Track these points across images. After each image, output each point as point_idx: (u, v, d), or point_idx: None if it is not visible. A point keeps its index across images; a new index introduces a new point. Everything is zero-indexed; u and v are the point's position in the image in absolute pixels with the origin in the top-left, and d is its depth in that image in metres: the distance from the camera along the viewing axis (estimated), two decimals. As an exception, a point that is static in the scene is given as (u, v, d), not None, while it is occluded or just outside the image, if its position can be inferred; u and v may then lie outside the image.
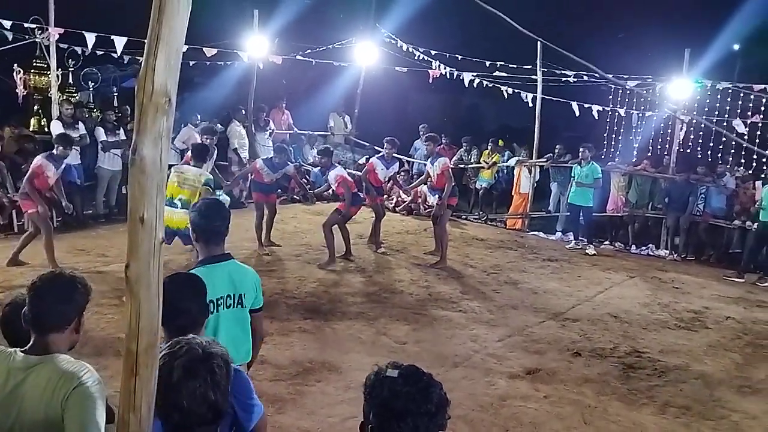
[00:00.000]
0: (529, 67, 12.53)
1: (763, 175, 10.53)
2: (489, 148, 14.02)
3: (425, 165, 10.59)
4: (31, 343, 2.29)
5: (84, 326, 2.43)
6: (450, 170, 9.51)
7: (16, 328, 2.50)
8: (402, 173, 12.96)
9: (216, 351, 2.04)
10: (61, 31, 10.34)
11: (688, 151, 12.28)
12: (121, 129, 10.96)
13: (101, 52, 11.00)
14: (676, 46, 12.26)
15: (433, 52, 13.44)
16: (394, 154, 10.27)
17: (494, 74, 13.02)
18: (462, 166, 14.30)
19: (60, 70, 10.84)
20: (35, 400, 2.15)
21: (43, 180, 7.81)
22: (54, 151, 7.90)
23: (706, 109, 11.68)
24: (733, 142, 10.82)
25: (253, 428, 2.56)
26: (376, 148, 13.61)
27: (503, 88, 12.88)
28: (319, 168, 9.51)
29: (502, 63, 12.89)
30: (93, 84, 12.25)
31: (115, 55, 11.03)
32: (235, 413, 2.40)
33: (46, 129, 10.73)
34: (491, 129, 18.29)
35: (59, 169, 8.02)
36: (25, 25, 10.22)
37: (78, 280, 2.39)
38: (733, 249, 11.40)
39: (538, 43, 10.81)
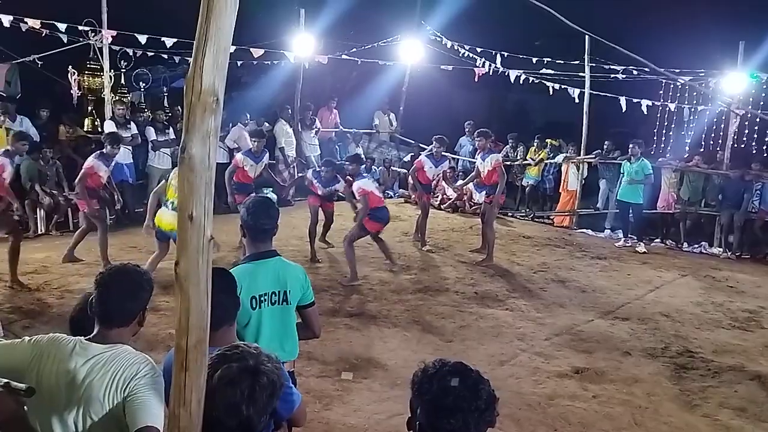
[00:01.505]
0: (577, 62, 12.34)
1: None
2: (535, 144, 13.85)
3: (473, 162, 10.49)
4: (95, 332, 2.35)
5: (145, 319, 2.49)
6: (502, 166, 9.29)
7: (85, 329, 2.56)
8: (449, 170, 12.94)
9: (267, 369, 1.99)
10: (114, 33, 10.61)
11: (743, 146, 11.91)
12: (171, 128, 11.21)
13: (152, 53, 11.24)
14: (730, 39, 11.90)
15: (478, 49, 13.33)
16: (443, 153, 10.27)
17: (540, 71, 12.86)
18: (508, 163, 14.15)
19: (112, 71, 11.12)
20: (98, 389, 2.20)
21: (96, 179, 8.07)
22: (104, 150, 8.13)
23: (762, 104, 11.32)
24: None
25: (291, 417, 2.57)
26: (421, 145, 13.61)
27: (549, 84, 12.71)
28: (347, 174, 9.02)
29: (549, 59, 12.72)
30: (144, 84, 12.52)
31: (165, 56, 11.27)
32: None
33: (99, 129, 11.01)
34: (538, 125, 18.04)
35: (110, 167, 8.25)
36: (79, 27, 10.51)
37: (143, 274, 2.45)
38: (791, 247, 11.04)
39: (586, 37, 10.65)
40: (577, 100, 12.42)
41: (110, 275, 2.41)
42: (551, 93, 12.86)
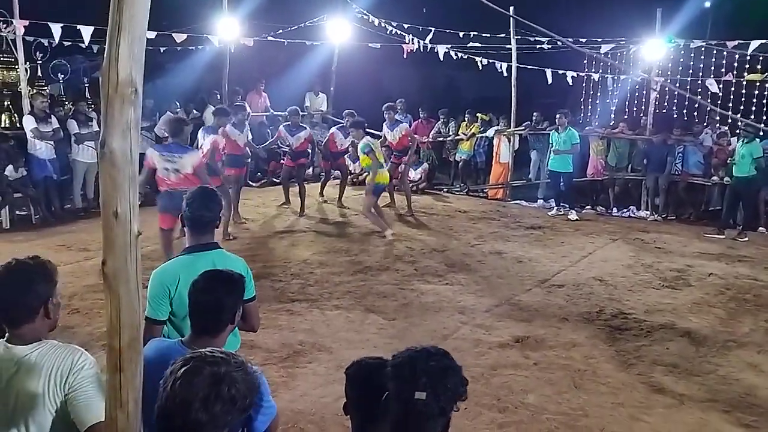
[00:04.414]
0: (503, 35, 12.46)
1: (738, 131, 10.60)
2: (466, 119, 13.99)
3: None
4: (7, 336, 2.26)
5: (58, 309, 2.34)
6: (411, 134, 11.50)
7: None
8: (383, 149, 13.03)
9: (235, 381, 1.81)
10: (26, 23, 10.11)
11: (664, 111, 12.32)
12: (94, 120, 10.80)
13: (69, 43, 10.82)
14: (647, 6, 12.25)
15: (406, 26, 13.33)
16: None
17: (468, 45, 12.96)
18: (441, 138, 14.28)
19: (28, 63, 10.62)
20: (32, 390, 2.13)
21: None
22: None
23: (680, 69, 11.71)
24: (709, 100, 10.87)
25: (266, 429, 2.49)
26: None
27: (478, 59, 12.82)
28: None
29: (476, 33, 12.82)
30: (63, 76, 12.02)
31: (83, 45, 10.85)
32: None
33: (18, 125, 10.53)
34: (468, 100, 18.23)
35: None
36: (-11, 19, 10.00)
37: (36, 266, 2.30)
38: (713, 206, 11.51)
39: (511, 12, 10.79)
40: (505, 74, 12.58)
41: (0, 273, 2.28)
42: (480, 68, 12.99)
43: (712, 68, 11.61)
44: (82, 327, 5.92)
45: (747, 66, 11.28)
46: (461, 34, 12.91)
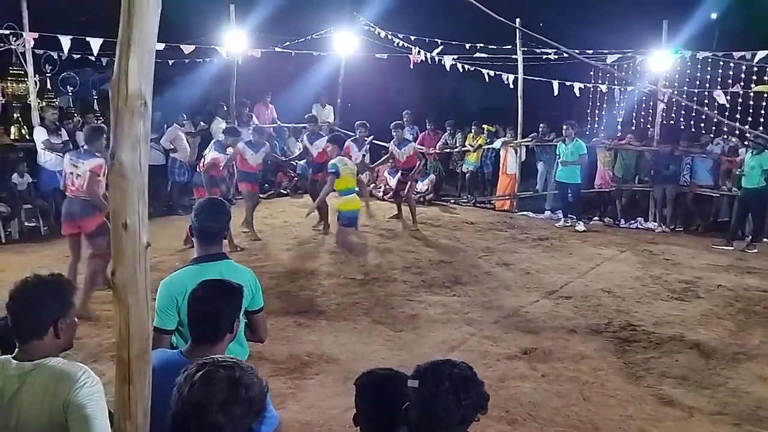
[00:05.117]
0: (509, 47, 12.48)
1: (746, 143, 10.56)
2: (473, 131, 14.00)
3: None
4: (17, 350, 2.26)
5: (70, 330, 2.33)
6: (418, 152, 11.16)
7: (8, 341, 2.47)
8: (390, 162, 13.06)
9: (250, 386, 1.85)
10: (36, 35, 10.20)
11: (671, 122, 12.30)
12: (104, 133, 10.87)
13: (78, 56, 10.90)
14: (654, 18, 12.26)
15: (412, 38, 13.38)
16: (365, 137, 11.24)
17: (474, 56, 12.98)
18: (447, 150, 14.28)
19: (37, 76, 10.69)
20: (35, 407, 2.12)
21: None
22: None
23: (687, 80, 11.68)
24: (716, 112, 10.83)
25: None
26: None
27: (484, 71, 12.84)
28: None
29: (482, 45, 12.85)
30: (72, 88, 12.10)
31: (92, 58, 10.93)
32: None
33: (27, 137, 10.59)
34: (473, 111, 18.24)
35: None
36: (-1, 32, 10.08)
37: (50, 284, 2.30)
38: (722, 218, 11.46)
39: (517, 23, 10.81)
40: (511, 86, 12.59)
41: (17, 287, 2.29)
42: (487, 80, 13.00)
43: (719, 80, 11.60)
44: (90, 338, 5.92)
45: (755, 77, 11.25)
46: (467, 45, 12.94)
